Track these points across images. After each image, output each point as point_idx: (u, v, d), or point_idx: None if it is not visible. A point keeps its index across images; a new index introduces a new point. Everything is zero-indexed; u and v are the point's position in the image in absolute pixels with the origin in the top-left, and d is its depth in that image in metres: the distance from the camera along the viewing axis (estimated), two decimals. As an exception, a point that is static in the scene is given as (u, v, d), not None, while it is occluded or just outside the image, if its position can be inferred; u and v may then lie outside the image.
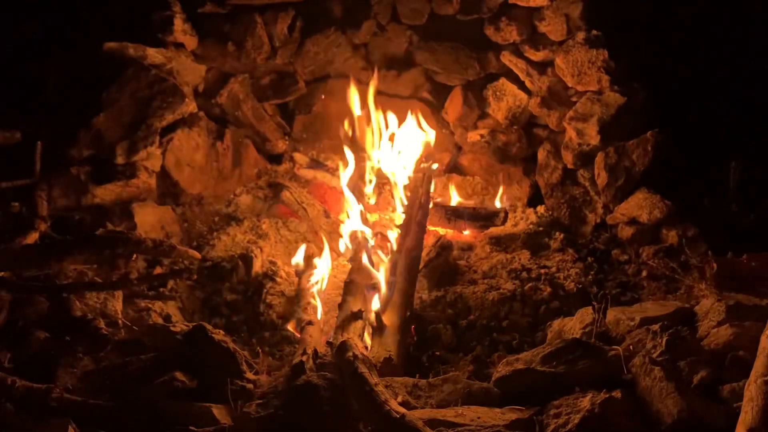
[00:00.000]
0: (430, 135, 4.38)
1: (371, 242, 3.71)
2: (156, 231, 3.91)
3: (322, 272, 3.65)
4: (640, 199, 3.87)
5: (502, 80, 4.53)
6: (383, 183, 4.37)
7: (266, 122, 4.75)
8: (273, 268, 3.80)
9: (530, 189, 4.54)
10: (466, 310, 3.50)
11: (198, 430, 2.34)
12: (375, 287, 3.37)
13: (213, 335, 2.69)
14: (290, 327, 3.39)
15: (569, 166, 4.23)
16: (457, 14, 4.47)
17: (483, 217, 4.20)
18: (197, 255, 3.69)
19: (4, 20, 4.01)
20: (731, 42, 3.97)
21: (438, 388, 2.64)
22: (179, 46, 4.30)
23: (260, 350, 3.11)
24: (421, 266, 3.62)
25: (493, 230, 4.16)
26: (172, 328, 2.82)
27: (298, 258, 3.74)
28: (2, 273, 3.10)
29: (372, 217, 4.16)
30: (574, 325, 3.11)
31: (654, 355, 2.58)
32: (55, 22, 4.05)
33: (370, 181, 4.39)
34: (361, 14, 4.62)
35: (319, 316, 3.36)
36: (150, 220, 3.92)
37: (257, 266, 3.77)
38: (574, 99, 4.23)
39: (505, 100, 4.51)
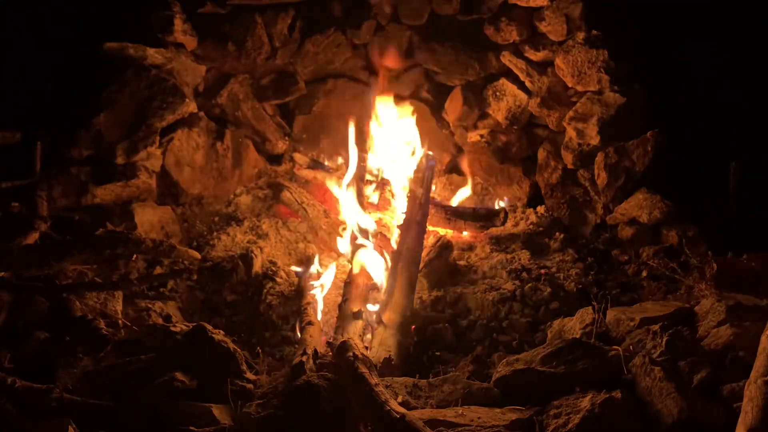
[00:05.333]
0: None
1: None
2: (156, 231, 3.91)
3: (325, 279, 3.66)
4: (640, 199, 3.87)
5: (502, 80, 4.53)
6: (384, 183, 4.37)
7: (266, 122, 4.75)
8: (273, 268, 3.80)
9: (530, 189, 4.54)
10: (466, 310, 3.50)
11: (198, 430, 2.34)
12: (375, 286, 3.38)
13: (213, 335, 2.69)
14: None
15: (569, 166, 4.23)
16: (457, 14, 4.48)
17: (483, 217, 4.20)
18: (197, 255, 3.69)
19: (3, 20, 4.00)
20: (731, 42, 3.96)
21: (438, 388, 2.64)
22: (179, 46, 4.30)
23: (260, 350, 3.11)
24: (421, 266, 3.62)
25: (493, 230, 4.16)
26: (172, 328, 2.82)
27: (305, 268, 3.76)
28: (2, 273, 3.10)
29: (372, 217, 4.16)
30: (574, 325, 3.11)
31: (654, 355, 2.58)
32: (55, 22, 4.04)
33: (371, 182, 4.39)
34: (361, 14, 4.62)
35: (319, 316, 3.36)
36: (150, 220, 3.92)
37: (257, 266, 3.77)
38: (574, 99, 4.23)
39: (505, 100, 4.51)
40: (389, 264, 3.53)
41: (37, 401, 2.44)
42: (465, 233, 4.21)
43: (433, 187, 4.27)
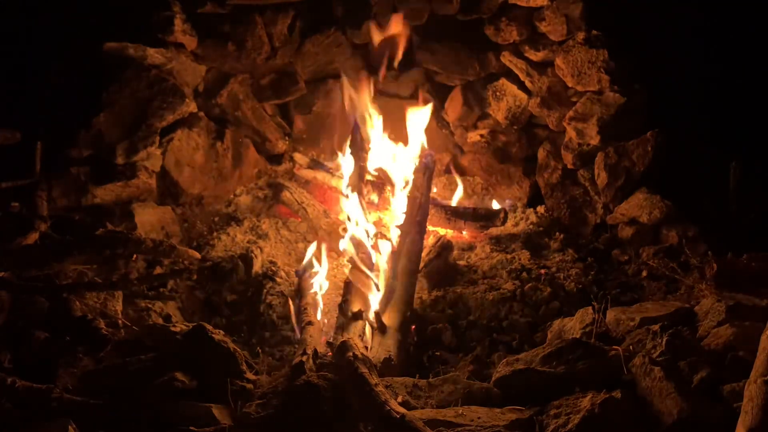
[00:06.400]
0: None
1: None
2: (156, 231, 3.91)
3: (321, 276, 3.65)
4: (640, 199, 3.87)
5: (502, 80, 4.53)
6: (383, 183, 4.37)
7: (266, 122, 4.75)
8: (273, 268, 3.80)
9: (530, 189, 4.54)
10: (466, 310, 3.50)
11: (198, 430, 2.34)
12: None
13: (213, 335, 2.69)
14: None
15: (569, 166, 4.23)
16: (457, 14, 4.48)
17: (483, 217, 4.20)
18: (197, 255, 3.69)
19: (4, 20, 4.01)
20: (731, 42, 3.97)
21: (438, 388, 2.64)
22: (179, 46, 4.29)
23: (260, 350, 3.11)
24: (421, 266, 3.62)
25: (493, 230, 4.16)
26: (172, 328, 2.82)
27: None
28: (2, 273, 3.10)
29: (372, 217, 4.16)
30: (574, 325, 3.11)
31: (654, 355, 2.58)
32: (55, 22, 4.04)
33: (369, 182, 4.38)
34: (361, 14, 4.62)
35: (319, 316, 3.36)
36: (150, 220, 3.92)
37: (257, 266, 3.77)
38: (574, 99, 4.23)
39: (505, 100, 4.51)
40: (389, 264, 3.53)
41: (37, 401, 2.44)
42: (465, 233, 4.21)
43: (434, 189, 4.26)
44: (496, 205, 4.40)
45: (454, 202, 4.44)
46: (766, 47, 3.86)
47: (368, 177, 4.33)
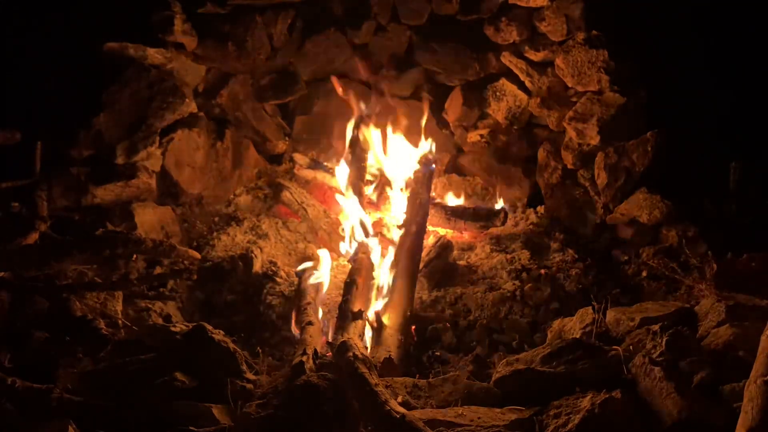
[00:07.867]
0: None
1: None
2: (156, 231, 3.91)
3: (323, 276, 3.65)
4: (640, 199, 3.87)
5: (502, 80, 4.53)
6: (383, 183, 4.37)
7: (266, 122, 4.75)
8: (273, 268, 3.80)
9: (530, 189, 4.54)
10: (466, 310, 3.51)
11: (198, 430, 2.34)
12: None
13: (213, 335, 2.69)
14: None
15: (569, 166, 4.23)
16: (457, 14, 4.48)
17: (483, 217, 4.20)
18: (197, 255, 3.69)
19: (3, 21, 4.01)
20: (731, 42, 3.97)
21: (438, 388, 2.64)
22: (179, 46, 4.30)
23: (260, 350, 3.10)
24: (421, 266, 3.62)
25: (493, 230, 4.16)
26: (172, 328, 2.82)
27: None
28: (2, 273, 3.10)
29: (372, 217, 4.16)
30: (574, 325, 3.11)
31: (654, 355, 2.58)
32: (56, 23, 4.04)
33: (370, 182, 4.39)
34: (361, 14, 4.62)
35: (319, 316, 3.36)
36: (150, 220, 3.92)
37: (257, 266, 3.77)
38: (574, 99, 4.23)
39: (505, 100, 4.51)
40: (389, 264, 3.53)
41: (37, 401, 2.44)
42: (466, 235, 4.21)
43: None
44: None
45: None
46: (765, 47, 3.86)
47: (368, 177, 4.33)
